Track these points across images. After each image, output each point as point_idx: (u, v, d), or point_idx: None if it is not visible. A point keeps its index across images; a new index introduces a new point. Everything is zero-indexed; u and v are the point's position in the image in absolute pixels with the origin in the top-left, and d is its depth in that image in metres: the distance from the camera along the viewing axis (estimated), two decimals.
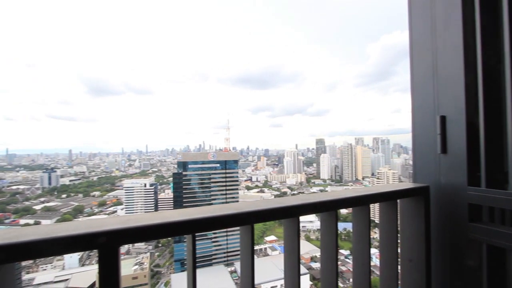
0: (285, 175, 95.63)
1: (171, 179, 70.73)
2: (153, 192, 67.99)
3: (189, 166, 52.37)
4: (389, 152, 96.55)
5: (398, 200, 1.76)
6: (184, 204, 50.15)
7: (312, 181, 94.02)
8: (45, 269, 41.46)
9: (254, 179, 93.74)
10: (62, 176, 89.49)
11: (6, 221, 59.11)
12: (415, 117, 1.92)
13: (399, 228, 1.82)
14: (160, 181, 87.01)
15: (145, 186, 67.82)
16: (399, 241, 1.80)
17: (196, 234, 1.14)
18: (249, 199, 71.49)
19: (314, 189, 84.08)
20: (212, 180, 53.06)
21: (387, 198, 1.72)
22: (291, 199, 1.39)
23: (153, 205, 66.81)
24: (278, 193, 79.38)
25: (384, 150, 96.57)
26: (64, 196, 77.53)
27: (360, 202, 1.58)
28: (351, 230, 1.68)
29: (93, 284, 39.07)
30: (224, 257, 47.98)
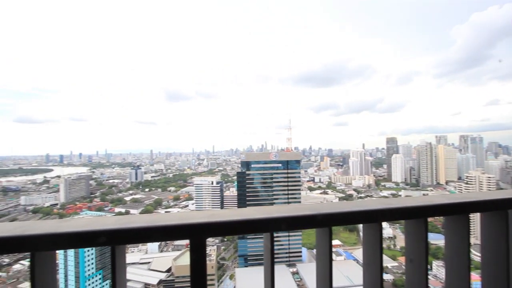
0: (350, 177, 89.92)
1: (235, 177, 74.25)
2: (219, 190, 72.53)
3: (252, 165, 53.75)
4: (482, 153, 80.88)
5: (508, 211, 1.41)
6: (247, 203, 51.69)
7: (382, 184, 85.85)
8: (132, 252, 48.50)
9: (316, 180, 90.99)
10: (145, 173, 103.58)
11: (106, 208, 71.45)
12: None
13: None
14: (225, 179, 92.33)
15: (212, 183, 72.91)
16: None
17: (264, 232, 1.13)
18: (311, 201, 69.61)
19: (385, 192, 76.62)
20: (274, 180, 53.38)
21: (494, 207, 1.40)
22: (372, 202, 1.30)
23: (219, 201, 71.26)
24: (343, 195, 75.00)
25: (475, 150, 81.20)
26: (147, 190, 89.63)
27: (458, 210, 1.34)
28: (430, 241, 1.37)
29: (170, 269, 43.92)
30: (286, 257, 47.73)
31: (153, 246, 48.86)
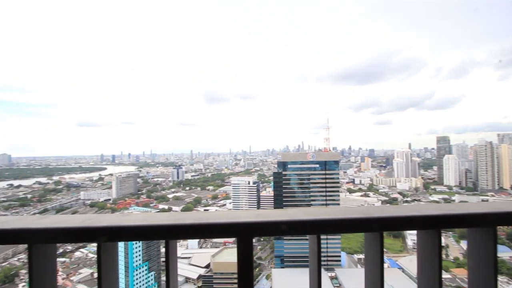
0: (395, 179, 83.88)
1: (271, 178, 74.22)
2: (255, 190, 73.13)
3: (289, 166, 53.13)
4: None
5: None
6: (284, 203, 51.25)
7: (432, 187, 78.54)
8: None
9: (357, 181, 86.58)
10: (186, 172, 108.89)
11: (151, 204, 76.68)
12: None
13: None
14: (262, 179, 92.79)
15: (249, 183, 73.82)
16: None
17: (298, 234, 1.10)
18: (351, 203, 66.52)
19: (435, 197, 69.94)
20: (311, 181, 52.11)
21: None
22: (430, 207, 1.22)
23: (256, 201, 71.83)
24: (386, 198, 70.27)
25: None
26: (187, 188, 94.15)
27: None
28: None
29: (208, 265, 45.49)
30: (324, 261, 46.22)
31: (193, 242, 51.03)
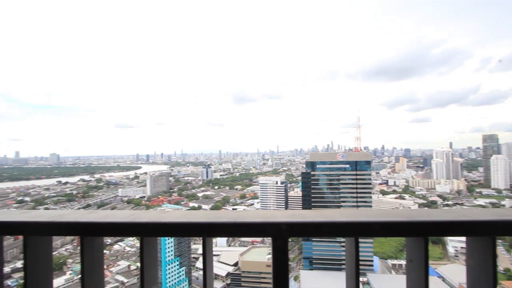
0: (433, 181, 78.08)
1: (299, 178, 73.16)
2: (283, 190, 72.62)
3: (317, 166, 51.98)
4: None
5: None
6: (312, 204, 50.27)
7: (477, 190, 71.87)
8: None
9: (391, 183, 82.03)
10: (214, 171, 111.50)
11: (182, 202, 79.67)
12: None
13: None
14: (290, 179, 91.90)
15: (276, 183, 73.53)
16: None
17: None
18: (384, 206, 63.24)
19: (481, 200, 63.94)
20: (341, 182, 50.47)
21: None
22: (481, 212, 1.12)
23: (283, 201, 71.33)
24: (424, 201, 65.72)
25: None
26: (216, 187, 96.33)
27: None
28: None
29: (237, 263, 46.08)
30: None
31: (222, 240, 52.02)
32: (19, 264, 38.76)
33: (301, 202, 56.92)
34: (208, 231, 1.08)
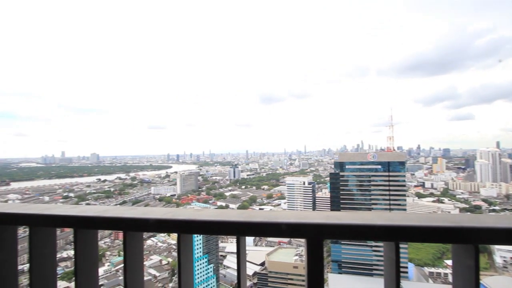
0: (477, 183, 71.73)
1: (328, 178, 71.28)
2: (311, 190, 71.30)
3: (347, 166, 50.32)
4: None
5: None
6: (341, 205, 48.78)
7: None
8: (232, 242, 53.44)
9: (427, 185, 76.82)
10: (242, 171, 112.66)
11: (210, 201, 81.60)
12: None
13: None
14: (317, 180, 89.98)
15: (304, 184, 72.41)
16: None
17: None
18: (420, 210, 59.38)
19: None
20: (372, 183, 48.34)
21: None
22: None
23: (311, 202, 70.01)
24: (466, 206, 60.62)
25: None
26: (243, 187, 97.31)
27: None
28: None
29: (263, 263, 46.08)
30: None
31: (249, 239, 52.35)
32: (64, 254, 42.35)
33: (329, 203, 55.44)
34: (242, 230, 1.09)
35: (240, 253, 1.17)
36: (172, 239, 51.24)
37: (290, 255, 44.33)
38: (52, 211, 1.30)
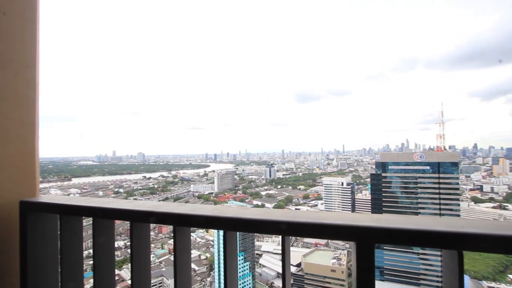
0: None
1: (368, 179, 67.67)
2: (350, 192, 68.33)
3: (389, 167, 47.41)
4: None
5: None
6: (383, 209, 46.09)
7: None
8: (267, 241, 53.54)
9: (486, 189, 68.61)
10: (277, 171, 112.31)
11: (246, 200, 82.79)
12: None
13: None
14: (357, 181, 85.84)
15: (342, 184, 69.68)
16: None
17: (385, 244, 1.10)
18: (477, 216, 53.27)
19: None
20: (419, 185, 44.81)
21: None
22: None
23: (350, 204, 67.05)
24: None
25: None
26: (279, 186, 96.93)
27: None
28: None
29: (299, 264, 45.35)
30: (436, 281, 38.83)
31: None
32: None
33: (370, 205, 52.73)
34: (287, 229, 1.08)
35: (285, 253, 1.17)
36: (210, 235, 53.07)
37: (327, 257, 43.06)
38: (112, 205, 1.42)
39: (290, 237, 1.16)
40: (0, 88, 1.57)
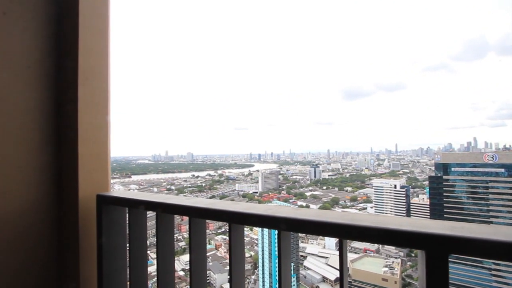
0: None
1: (426, 182, 61.50)
2: (404, 195, 62.87)
3: (453, 169, 42.82)
4: None
5: None
6: (445, 215, 41.43)
7: None
8: (312, 243, 52.17)
9: None
10: (323, 171, 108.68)
11: (290, 200, 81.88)
12: None
13: None
14: (413, 183, 78.52)
15: (395, 187, 64.40)
16: None
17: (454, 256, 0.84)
18: None
19: None
20: (490, 190, 39.31)
21: None
22: None
23: (404, 208, 61.61)
24: None
25: None
26: (324, 187, 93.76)
27: None
28: None
29: (347, 269, 43.18)
30: None
31: (330, 242, 50.10)
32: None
33: (428, 211, 47.88)
34: (345, 233, 1.04)
35: (343, 257, 1.14)
36: (254, 234, 53.79)
37: (378, 265, 40.18)
38: (172, 200, 1.53)
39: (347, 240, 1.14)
40: (83, 97, 1.78)
